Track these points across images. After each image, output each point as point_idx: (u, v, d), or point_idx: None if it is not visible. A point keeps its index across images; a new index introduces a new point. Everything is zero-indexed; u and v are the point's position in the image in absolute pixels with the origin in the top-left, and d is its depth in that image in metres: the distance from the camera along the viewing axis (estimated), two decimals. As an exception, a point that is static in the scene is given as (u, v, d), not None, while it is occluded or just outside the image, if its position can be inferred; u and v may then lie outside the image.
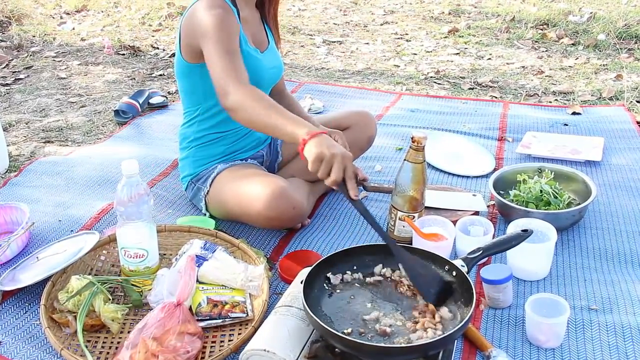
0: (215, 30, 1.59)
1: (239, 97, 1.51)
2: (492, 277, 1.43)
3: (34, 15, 4.69)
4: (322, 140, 1.38)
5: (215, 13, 1.61)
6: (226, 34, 1.60)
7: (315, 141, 1.38)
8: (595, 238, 1.77)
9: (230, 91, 1.52)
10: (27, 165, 2.25)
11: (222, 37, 1.59)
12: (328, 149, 1.36)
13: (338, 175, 1.35)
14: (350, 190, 1.37)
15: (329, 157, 1.35)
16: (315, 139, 1.38)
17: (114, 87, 3.23)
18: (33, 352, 1.35)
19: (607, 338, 1.37)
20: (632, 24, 4.10)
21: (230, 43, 1.60)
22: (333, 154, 1.35)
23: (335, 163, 1.35)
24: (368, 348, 1.17)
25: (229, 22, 1.63)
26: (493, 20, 4.58)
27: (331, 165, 1.36)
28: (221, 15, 1.61)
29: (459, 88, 3.25)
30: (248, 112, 1.50)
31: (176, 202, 1.99)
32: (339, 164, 1.35)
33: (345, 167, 1.36)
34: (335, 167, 1.35)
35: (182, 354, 1.25)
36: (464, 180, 2.14)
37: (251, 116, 1.50)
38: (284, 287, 1.57)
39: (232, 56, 1.58)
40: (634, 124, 2.59)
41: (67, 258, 1.51)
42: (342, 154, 1.36)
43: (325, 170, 1.36)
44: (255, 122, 1.51)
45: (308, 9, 5.08)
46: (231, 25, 1.63)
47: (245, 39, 1.72)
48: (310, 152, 1.37)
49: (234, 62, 1.57)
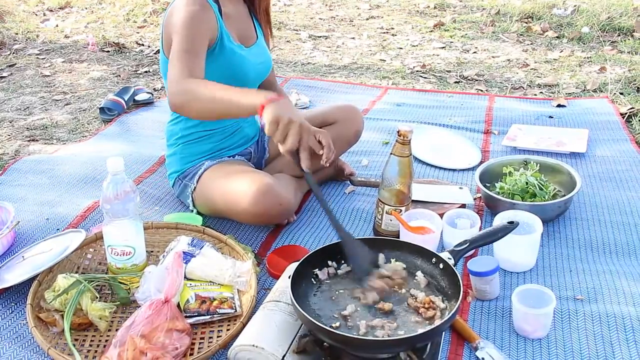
0: (182, 27, 1.56)
1: (183, 88, 1.46)
2: (479, 269, 1.44)
3: (16, 12, 4.64)
4: (281, 104, 1.35)
5: (188, 10, 1.58)
6: (192, 32, 1.56)
7: (275, 105, 1.34)
8: (581, 229, 1.78)
9: (179, 88, 1.46)
10: (11, 164, 2.23)
11: (186, 35, 1.55)
12: (287, 114, 1.32)
13: (293, 142, 1.33)
14: (303, 161, 1.35)
15: (286, 121, 1.32)
16: (275, 103, 1.35)
17: (99, 85, 3.20)
18: (20, 352, 1.34)
19: (593, 327, 1.38)
20: (615, 16, 4.13)
21: (193, 43, 1.55)
22: (290, 120, 1.32)
23: (291, 129, 1.32)
24: (356, 341, 1.18)
25: (200, 21, 1.59)
26: (478, 14, 4.59)
27: (288, 131, 1.33)
28: (194, 12, 1.58)
29: (444, 82, 3.26)
30: (198, 99, 1.44)
31: (163, 199, 1.99)
32: (295, 130, 1.32)
33: (301, 135, 1.34)
34: (291, 135, 1.32)
35: (170, 350, 1.25)
36: (451, 174, 2.15)
37: (203, 102, 1.44)
38: (272, 282, 1.57)
39: (190, 55, 1.52)
40: (617, 116, 2.62)
41: (53, 257, 1.50)
42: (300, 122, 1.33)
43: (281, 134, 1.33)
44: (210, 107, 1.44)
45: (293, 4, 5.07)
46: (201, 23, 1.59)
47: (228, 35, 1.71)
48: (268, 115, 1.33)
49: (191, 62, 1.51)
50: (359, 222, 1.85)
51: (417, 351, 1.24)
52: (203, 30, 1.59)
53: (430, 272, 1.38)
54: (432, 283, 1.36)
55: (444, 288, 1.33)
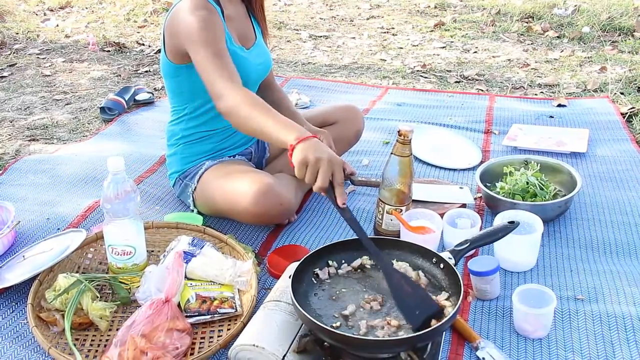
0: (201, 33, 1.57)
1: (232, 101, 1.50)
2: (480, 269, 1.44)
3: (16, 12, 4.64)
4: (309, 145, 1.34)
5: (199, 15, 1.59)
6: (212, 36, 1.58)
7: (302, 146, 1.34)
8: (581, 229, 1.78)
9: (224, 95, 1.51)
10: (12, 164, 2.23)
11: (208, 40, 1.57)
12: (314, 153, 1.32)
13: (324, 180, 1.31)
14: (338, 197, 1.33)
15: (313, 161, 1.31)
16: (303, 144, 1.34)
17: (100, 84, 3.20)
18: (20, 352, 1.34)
19: (593, 327, 1.38)
20: (616, 16, 4.13)
21: (217, 45, 1.58)
22: (318, 159, 1.31)
23: (321, 168, 1.31)
24: (356, 341, 1.18)
25: (214, 23, 1.61)
26: (479, 13, 4.59)
27: (317, 170, 1.32)
28: (205, 16, 1.59)
29: (445, 81, 3.26)
30: (242, 117, 1.49)
31: (163, 198, 1.99)
32: (325, 168, 1.31)
33: (332, 172, 1.32)
34: (322, 172, 1.31)
35: (171, 350, 1.25)
36: (451, 173, 2.15)
37: (244, 121, 1.49)
38: (272, 282, 1.57)
39: (221, 58, 1.56)
40: (618, 116, 2.62)
41: (53, 256, 1.50)
42: (328, 159, 1.32)
43: (311, 175, 1.33)
44: (248, 127, 1.49)
45: (294, 4, 5.07)
46: (216, 26, 1.61)
47: (230, 37, 1.71)
48: (296, 157, 1.34)
49: (224, 64, 1.55)
50: (360, 222, 1.84)
51: (418, 351, 1.24)
52: (218, 31, 1.61)
53: (431, 271, 1.38)
54: (433, 282, 1.36)
55: (445, 288, 1.33)
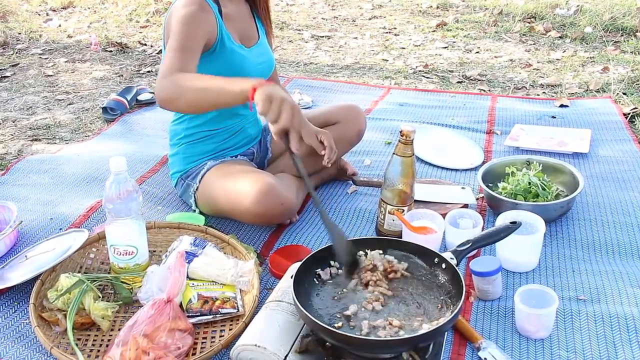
0: (178, 25, 1.56)
1: (170, 81, 1.45)
2: (482, 269, 1.43)
3: (19, 12, 4.65)
4: (272, 88, 1.36)
5: (187, 9, 1.58)
6: (187, 31, 1.56)
7: (265, 87, 1.36)
8: (583, 229, 1.78)
9: (165, 82, 1.46)
10: (14, 164, 2.23)
11: (181, 33, 1.55)
12: (279, 93, 1.34)
13: (287, 119, 1.34)
14: (292, 142, 1.37)
15: (279, 100, 1.33)
16: (265, 86, 1.36)
17: (102, 84, 3.21)
18: (23, 352, 1.34)
19: (595, 328, 1.38)
20: (618, 16, 4.12)
21: (187, 41, 1.55)
22: (283, 98, 1.34)
23: (284, 108, 1.33)
24: (358, 341, 1.18)
25: (198, 20, 1.59)
26: (481, 13, 4.59)
27: (280, 109, 1.34)
28: (191, 12, 1.58)
29: (447, 82, 3.26)
30: (187, 91, 1.43)
31: (165, 198, 1.99)
32: (288, 110, 1.34)
33: (293, 115, 1.35)
34: (285, 112, 1.33)
35: (173, 350, 1.25)
36: (453, 174, 2.15)
37: (193, 93, 1.43)
38: (274, 282, 1.57)
39: (182, 53, 1.52)
40: (620, 116, 2.62)
41: (56, 256, 1.51)
42: (292, 103, 1.35)
43: (275, 112, 1.34)
44: (200, 97, 1.44)
45: (296, 4, 5.07)
46: (198, 23, 1.59)
47: (228, 35, 1.71)
48: (261, 94, 1.34)
49: (183, 59, 1.51)
50: (362, 222, 1.85)
51: (420, 351, 1.24)
52: (199, 30, 1.59)
53: (433, 272, 1.38)
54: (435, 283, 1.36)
55: (447, 288, 1.33)
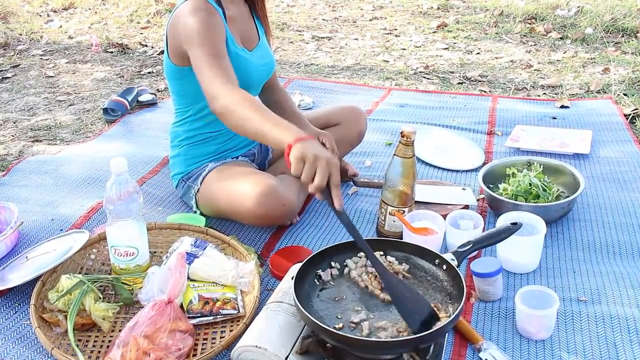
0: (200, 34, 1.57)
1: (227, 102, 1.48)
2: (482, 270, 1.43)
3: (20, 13, 4.65)
4: (308, 144, 1.30)
5: (199, 17, 1.59)
6: (211, 37, 1.58)
7: (301, 144, 1.30)
8: (584, 230, 1.78)
9: (219, 96, 1.49)
10: (15, 165, 2.23)
11: (207, 41, 1.57)
12: (312, 151, 1.27)
13: (321, 180, 1.25)
14: (335, 199, 1.27)
15: (312, 159, 1.26)
16: (301, 143, 1.30)
17: (103, 85, 3.21)
18: (23, 352, 1.34)
19: (596, 329, 1.38)
20: (619, 17, 4.12)
21: (215, 46, 1.57)
22: (317, 157, 1.26)
23: (319, 166, 1.25)
24: (359, 343, 1.18)
25: (214, 25, 1.61)
26: (481, 14, 4.59)
27: (315, 169, 1.26)
28: (205, 18, 1.59)
29: (448, 83, 3.26)
30: (236, 117, 1.46)
31: (166, 199, 1.99)
32: (323, 168, 1.25)
33: (330, 173, 1.26)
34: (320, 171, 1.25)
35: (173, 351, 1.25)
36: (454, 175, 2.15)
37: (240, 121, 1.46)
38: (275, 283, 1.57)
39: (218, 59, 1.55)
40: (621, 117, 2.61)
41: (56, 257, 1.51)
42: (327, 159, 1.26)
43: (308, 173, 1.26)
44: (244, 127, 1.46)
45: (297, 5, 5.07)
46: (216, 27, 1.61)
47: (232, 39, 1.71)
48: (294, 154, 1.29)
49: (221, 65, 1.55)
50: (362, 223, 1.85)
51: (421, 352, 1.24)
52: (218, 32, 1.61)
53: (434, 273, 1.38)
54: (435, 284, 1.36)
55: (447, 289, 1.33)
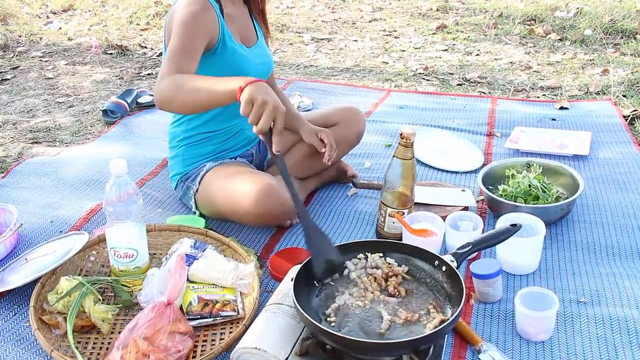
0: (180, 26, 1.57)
1: (167, 83, 1.47)
2: (482, 272, 1.43)
3: (19, 14, 4.65)
4: (259, 87, 1.34)
5: (189, 9, 1.59)
6: (190, 31, 1.57)
7: (251, 86, 1.34)
8: (584, 231, 1.78)
9: (161, 81, 1.48)
10: (14, 167, 2.23)
11: (183, 34, 1.56)
12: (262, 95, 1.32)
13: (265, 123, 1.32)
14: (274, 143, 1.35)
15: (260, 102, 1.31)
16: (252, 85, 1.34)
17: (102, 87, 3.21)
18: (23, 354, 1.34)
19: (596, 330, 1.38)
20: (618, 19, 4.13)
21: (189, 41, 1.56)
22: (264, 101, 1.31)
23: (265, 110, 1.32)
24: (358, 344, 1.18)
25: (199, 20, 1.60)
26: (481, 16, 4.59)
27: (262, 112, 1.32)
28: (194, 12, 1.59)
29: (447, 84, 3.26)
30: (180, 92, 1.45)
31: (166, 201, 1.99)
32: (269, 112, 1.31)
33: (275, 117, 1.33)
34: (265, 114, 1.32)
35: (173, 353, 1.25)
36: (453, 176, 2.15)
37: (184, 94, 1.44)
38: (274, 285, 1.57)
39: (182, 54, 1.53)
40: (620, 118, 2.62)
41: (56, 259, 1.51)
42: (274, 103, 1.32)
43: (255, 115, 1.33)
44: (192, 98, 1.45)
45: (296, 7, 5.07)
46: (200, 23, 1.60)
47: (230, 35, 1.71)
48: (243, 96, 1.33)
49: (183, 60, 1.52)
50: (362, 225, 1.85)
51: (420, 354, 1.24)
52: (201, 30, 1.60)
53: (433, 274, 1.38)
54: (435, 286, 1.36)
55: (447, 291, 1.33)
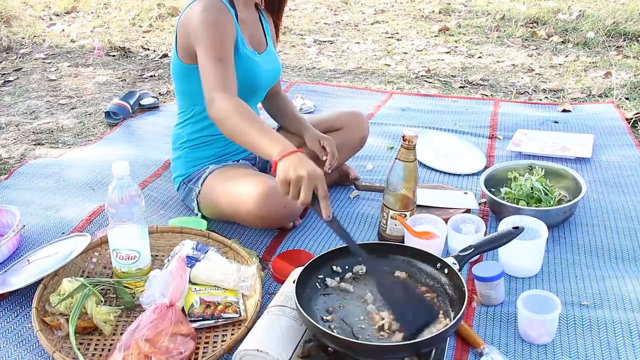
0: (208, 35, 1.58)
1: (223, 109, 1.51)
2: (484, 275, 1.43)
3: (22, 16, 4.67)
4: (291, 162, 1.33)
5: (209, 16, 1.59)
6: (219, 39, 1.59)
7: (284, 162, 1.34)
8: (586, 234, 1.78)
9: (216, 102, 1.52)
10: (17, 168, 2.24)
11: (214, 43, 1.58)
12: (294, 171, 1.31)
13: (306, 196, 1.30)
14: (323, 210, 1.31)
15: (295, 179, 1.30)
16: (285, 160, 1.34)
17: (105, 89, 3.21)
18: (25, 356, 1.34)
19: (598, 333, 1.38)
20: (621, 21, 4.13)
21: (222, 49, 1.58)
22: (299, 176, 1.30)
23: (303, 185, 1.30)
24: (360, 347, 1.18)
25: (223, 26, 1.61)
26: (483, 18, 4.59)
27: (299, 187, 1.31)
28: (215, 18, 1.60)
29: (449, 87, 3.26)
30: (229, 125, 1.50)
31: (168, 203, 1.99)
32: (306, 185, 1.30)
33: (315, 186, 1.31)
34: (304, 189, 1.30)
35: (174, 355, 1.25)
36: (456, 179, 2.15)
37: (232, 130, 1.50)
38: (276, 287, 1.57)
39: (222, 64, 1.56)
40: (623, 121, 2.61)
41: (58, 260, 1.51)
42: (309, 174, 1.30)
43: (293, 192, 1.32)
44: (235, 136, 1.50)
45: (299, 9, 5.08)
46: (225, 29, 1.61)
47: (243, 41, 1.71)
48: (278, 175, 1.34)
49: (224, 70, 1.56)
50: (364, 227, 1.85)
51: (422, 356, 1.24)
52: (228, 35, 1.62)
53: (435, 277, 1.37)
54: (438, 288, 1.35)
55: (449, 293, 1.33)
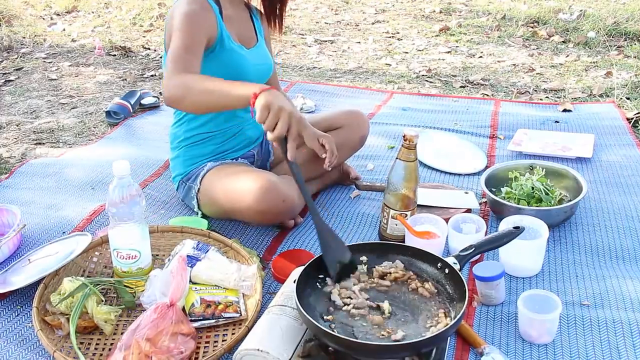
0: (180, 25, 1.59)
1: (178, 81, 1.48)
2: (485, 274, 1.43)
3: (23, 16, 4.67)
4: (274, 94, 1.36)
5: (188, 8, 1.61)
6: (191, 29, 1.59)
7: (267, 93, 1.36)
8: (587, 234, 1.78)
9: (170, 83, 1.49)
10: (17, 167, 2.24)
11: (185, 32, 1.58)
12: (278, 102, 1.34)
13: (281, 129, 1.34)
14: (289, 150, 1.36)
15: (276, 108, 1.33)
16: (267, 92, 1.36)
17: (105, 88, 3.21)
18: (26, 355, 1.34)
19: (599, 333, 1.38)
20: (621, 21, 4.12)
21: (192, 40, 1.58)
22: (281, 107, 1.34)
23: (282, 117, 1.34)
24: (361, 346, 1.18)
25: (198, 19, 1.62)
26: (484, 18, 4.59)
27: (278, 118, 1.34)
28: (193, 11, 1.61)
29: (450, 86, 3.26)
30: (192, 92, 1.47)
31: (168, 202, 1.99)
32: (285, 118, 1.34)
33: (290, 124, 1.35)
34: (281, 121, 1.34)
35: (175, 354, 1.25)
36: (456, 178, 2.15)
37: (197, 95, 1.46)
38: (277, 286, 1.57)
39: (187, 53, 1.55)
40: (623, 121, 2.61)
41: (59, 260, 1.51)
42: (290, 111, 1.34)
43: (271, 121, 1.34)
44: (204, 98, 1.46)
45: (299, 9, 5.08)
46: (200, 22, 1.62)
47: (228, 35, 1.73)
48: (259, 102, 1.35)
49: (188, 58, 1.54)
50: (364, 227, 1.85)
51: (423, 356, 1.24)
52: (201, 28, 1.62)
53: (436, 277, 1.37)
54: (439, 288, 1.36)
55: (450, 293, 1.33)
